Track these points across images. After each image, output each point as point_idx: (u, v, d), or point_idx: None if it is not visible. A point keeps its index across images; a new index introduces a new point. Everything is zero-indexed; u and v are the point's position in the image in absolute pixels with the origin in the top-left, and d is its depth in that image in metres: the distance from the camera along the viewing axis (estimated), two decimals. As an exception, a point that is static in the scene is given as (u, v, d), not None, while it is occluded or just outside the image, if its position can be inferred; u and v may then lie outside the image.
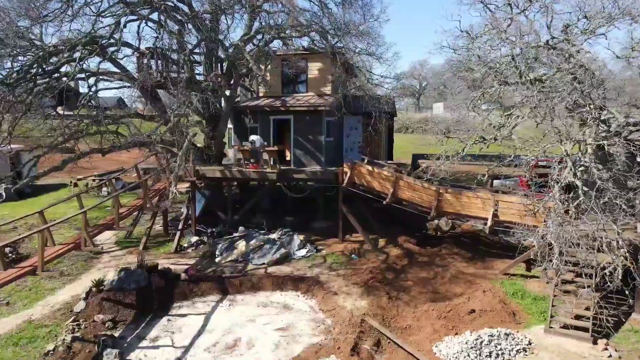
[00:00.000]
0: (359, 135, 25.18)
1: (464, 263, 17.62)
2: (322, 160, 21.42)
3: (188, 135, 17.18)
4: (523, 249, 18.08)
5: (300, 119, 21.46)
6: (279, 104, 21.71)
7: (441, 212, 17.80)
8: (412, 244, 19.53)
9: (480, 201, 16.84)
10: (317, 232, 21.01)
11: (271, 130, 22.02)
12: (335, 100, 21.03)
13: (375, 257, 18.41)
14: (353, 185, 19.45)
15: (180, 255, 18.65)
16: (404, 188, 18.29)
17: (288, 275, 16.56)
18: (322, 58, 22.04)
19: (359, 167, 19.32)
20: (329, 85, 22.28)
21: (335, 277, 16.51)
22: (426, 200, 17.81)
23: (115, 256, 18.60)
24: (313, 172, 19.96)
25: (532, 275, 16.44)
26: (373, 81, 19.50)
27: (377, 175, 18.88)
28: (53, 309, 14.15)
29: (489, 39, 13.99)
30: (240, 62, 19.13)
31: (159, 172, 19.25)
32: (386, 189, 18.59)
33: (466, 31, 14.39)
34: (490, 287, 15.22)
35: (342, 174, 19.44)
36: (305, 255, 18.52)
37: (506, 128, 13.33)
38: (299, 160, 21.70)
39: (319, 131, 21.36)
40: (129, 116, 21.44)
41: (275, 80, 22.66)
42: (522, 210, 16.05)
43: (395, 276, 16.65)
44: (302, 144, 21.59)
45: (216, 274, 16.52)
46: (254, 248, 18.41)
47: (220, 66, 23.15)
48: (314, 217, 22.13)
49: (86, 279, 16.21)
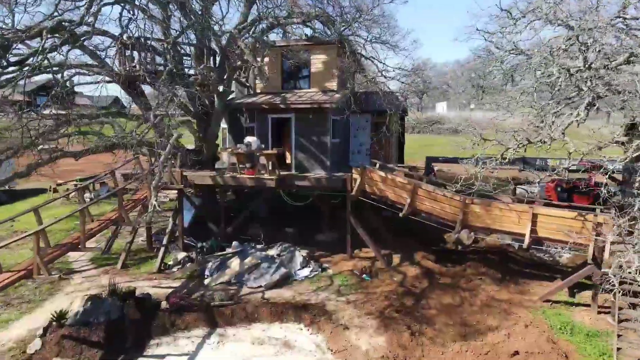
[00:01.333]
0: (367, 136, 22.64)
1: (495, 286, 15.08)
2: (327, 165, 18.88)
3: (172, 137, 14.62)
4: (566, 270, 15.59)
5: (302, 117, 18.93)
6: (279, 101, 19.16)
7: (468, 226, 15.27)
8: (431, 261, 16.99)
9: (515, 214, 14.30)
10: (321, 246, 18.49)
11: (269, 131, 19.49)
12: (342, 97, 18.50)
13: (390, 277, 15.88)
14: (363, 193, 16.93)
15: (164, 276, 16.10)
16: (424, 198, 15.75)
17: (289, 302, 14.01)
18: (326, 49, 19.50)
19: (370, 173, 16.79)
20: (335, 79, 19.74)
21: (344, 304, 13.98)
22: (450, 213, 15.26)
23: (88, 277, 16.05)
24: (317, 179, 17.42)
25: (578, 302, 13.92)
26: (388, 74, 16.86)
27: (392, 182, 16.35)
28: (3, 349, 11.61)
29: (536, 18, 11.43)
30: (234, 53, 16.57)
31: (141, 178, 16.68)
32: (402, 199, 16.06)
33: (507, 11, 11.84)
34: (531, 320, 12.69)
35: (351, 181, 16.91)
36: (309, 275, 15.98)
37: (557, 128, 10.77)
38: (300, 165, 19.16)
39: (324, 131, 18.83)
40: (109, 114, 18.89)
41: (274, 74, 20.13)
42: (566, 225, 13.55)
43: (415, 303, 14.12)
44: (304, 145, 19.05)
45: (204, 301, 13.97)
46: (249, 267, 15.87)
47: (213, 59, 20.65)
48: (318, 228, 19.63)
49: (50, 306, 13.66)
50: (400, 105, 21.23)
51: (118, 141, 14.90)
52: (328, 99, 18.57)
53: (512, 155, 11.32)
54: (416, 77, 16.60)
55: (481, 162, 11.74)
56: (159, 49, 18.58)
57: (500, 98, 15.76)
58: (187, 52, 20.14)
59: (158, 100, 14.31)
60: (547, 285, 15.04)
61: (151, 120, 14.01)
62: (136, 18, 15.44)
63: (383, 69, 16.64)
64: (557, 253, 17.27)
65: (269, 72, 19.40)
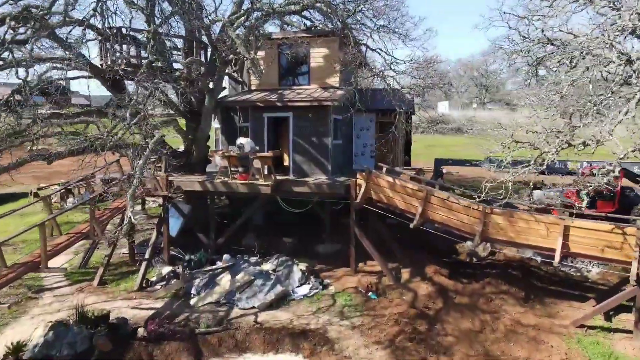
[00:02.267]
0: (371, 137, 20.89)
1: (519, 307, 13.31)
2: (328, 169, 17.13)
3: (154, 138, 12.85)
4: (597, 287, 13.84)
5: (301, 116, 17.18)
6: (275, 98, 17.41)
7: (488, 239, 13.52)
8: (444, 277, 15.21)
9: (543, 227, 12.54)
10: (322, 258, 16.73)
11: (265, 131, 17.73)
12: (345, 94, 16.73)
13: (399, 296, 14.13)
14: (369, 201, 15.18)
15: (146, 294, 14.33)
16: (437, 207, 13.99)
17: (285, 328, 12.23)
18: (327, 42, 17.75)
19: (376, 178, 15.03)
20: (337, 75, 17.99)
21: (349, 330, 12.22)
22: (467, 224, 13.50)
23: (60, 295, 14.28)
24: (317, 185, 15.65)
25: (616, 328, 12.16)
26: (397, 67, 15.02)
27: (401, 189, 14.58)
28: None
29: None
30: (225, 44, 14.80)
31: (119, 185, 14.90)
32: (413, 208, 14.30)
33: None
34: (566, 351, 10.95)
35: (355, 187, 15.15)
36: (309, 294, 14.22)
37: (603, 128, 9.02)
38: (299, 168, 17.41)
39: (325, 132, 17.07)
40: (87, 114, 17.13)
41: (271, 69, 18.38)
42: (603, 240, 11.80)
43: (429, 328, 12.36)
44: (303, 147, 17.30)
45: (188, 326, 12.20)
46: (241, 285, 14.11)
47: (205, 53, 18.89)
48: (318, 238, 17.87)
49: (11, 333, 11.89)
50: (408, 102, 19.47)
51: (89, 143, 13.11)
52: (329, 96, 16.82)
53: (549, 160, 9.56)
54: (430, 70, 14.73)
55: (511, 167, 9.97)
56: (144, 40, 16.85)
57: (518, 94, 13.97)
58: (177, 46, 18.42)
59: (135, 96, 12.51)
60: (578, 306, 13.31)
61: (127, 119, 12.24)
62: (116, 9, 13.63)
63: (391, 62, 14.82)
64: (584, 267, 15.52)
65: (265, 67, 17.66)
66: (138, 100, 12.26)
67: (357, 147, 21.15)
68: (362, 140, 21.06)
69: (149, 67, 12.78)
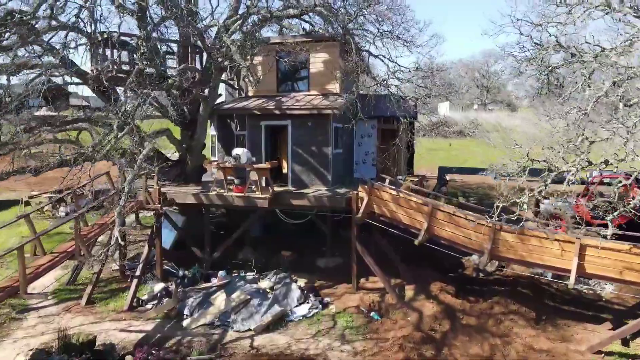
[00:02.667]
0: (373, 145, 20.16)
1: (530, 329, 12.57)
2: (329, 179, 16.43)
3: (143, 152, 12.11)
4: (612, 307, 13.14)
5: (300, 125, 16.47)
6: (273, 105, 16.69)
7: (498, 257, 12.78)
8: (450, 295, 14.46)
9: (557, 245, 11.79)
10: (323, 273, 16.01)
11: (263, 140, 17.02)
12: (345, 102, 16.00)
13: (403, 316, 13.39)
14: (371, 215, 14.45)
15: (136, 315, 13.60)
16: (444, 222, 13.25)
17: (283, 354, 11.50)
18: (328, 47, 17.03)
19: (379, 191, 14.29)
20: (337, 81, 17.27)
21: (350, 356, 11.48)
22: (476, 242, 12.76)
23: (45, 316, 13.54)
24: (317, 198, 14.91)
25: (635, 354, 11.43)
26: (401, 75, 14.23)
27: (405, 203, 13.84)
28: None
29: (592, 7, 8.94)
30: (219, 50, 14.07)
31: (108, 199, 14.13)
32: (417, 223, 13.57)
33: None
34: (584, 381, 10.22)
35: (357, 201, 14.42)
36: (308, 314, 13.47)
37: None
38: (298, 178, 16.70)
39: (325, 141, 16.37)
40: (78, 121, 16.42)
41: (268, 75, 17.66)
42: (624, 261, 11.07)
43: (436, 353, 11.63)
44: (302, 157, 16.59)
45: (179, 353, 11.46)
46: (236, 305, 13.37)
47: (201, 58, 18.17)
48: (318, 251, 17.17)
49: (-9, 360, 11.18)
50: (412, 109, 18.73)
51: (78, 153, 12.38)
52: (330, 104, 16.11)
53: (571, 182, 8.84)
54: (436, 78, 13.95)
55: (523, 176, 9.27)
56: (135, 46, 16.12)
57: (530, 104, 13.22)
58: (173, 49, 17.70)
59: (124, 106, 11.76)
60: (593, 328, 12.57)
61: (115, 132, 11.51)
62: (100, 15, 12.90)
63: (396, 70, 14.04)
64: (597, 284, 14.79)
65: (262, 73, 16.92)
66: (127, 111, 11.50)
67: (358, 156, 20.42)
68: (364, 148, 20.33)
69: (138, 75, 12.00)
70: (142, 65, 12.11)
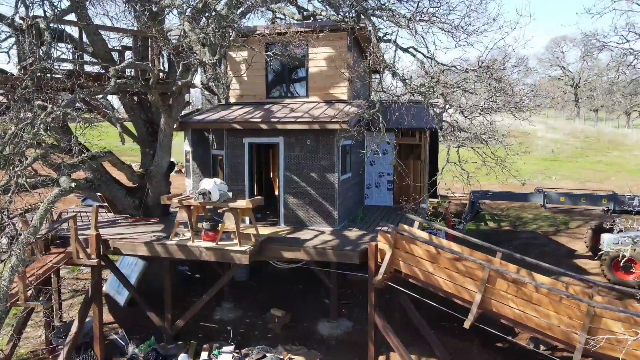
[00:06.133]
0: (389, 164, 15.87)
1: None
2: (335, 216, 12.18)
3: (61, 181, 7.80)
4: None
5: (296, 143, 12.23)
6: (260, 117, 12.40)
7: (595, 355, 8.42)
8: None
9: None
10: (325, 344, 11.77)
11: (246, 162, 12.76)
12: (357, 116, 11.69)
13: None
14: (394, 274, 10.16)
15: None
16: (508, 295, 8.93)
17: None
18: (333, 38, 12.80)
19: (406, 241, 9.96)
20: (345, 84, 13.01)
21: None
22: (559, 329, 8.43)
23: None
24: (319, 251, 10.55)
25: None
26: (449, 77, 9.85)
27: (447, 262, 9.52)
28: None
29: None
30: (179, 40, 9.79)
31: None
32: (466, 293, 9.26)
33: None
34: None
35: (375, 256, 10.12)
36: None
37: None
38: (293, 215, 12.46)
39: (330, 165, 12.11)
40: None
41: (255, 76, 13.43)
42: None
43: None
44: (298, 186, 12.34)
45: None
46: (201, 415, 9.08)
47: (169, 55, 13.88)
48: (319, 308, 13.00)
49: None
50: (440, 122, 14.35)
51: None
52: (336, 115, 11.82)
53: None
54: (494, 80, 9.52)
55: None
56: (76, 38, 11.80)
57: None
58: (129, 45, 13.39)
59: (13, 126, 7.45)
60: None
61: (8, 148, 7.23)
62: None
63: (442, 70, 9.64)
64: None
65: (247, 74, 12.67)
66: (14, 133, 7.23)
67: (370, 178, 16.14)
68: (378, 169, 16.05)
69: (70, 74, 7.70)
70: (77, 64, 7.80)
